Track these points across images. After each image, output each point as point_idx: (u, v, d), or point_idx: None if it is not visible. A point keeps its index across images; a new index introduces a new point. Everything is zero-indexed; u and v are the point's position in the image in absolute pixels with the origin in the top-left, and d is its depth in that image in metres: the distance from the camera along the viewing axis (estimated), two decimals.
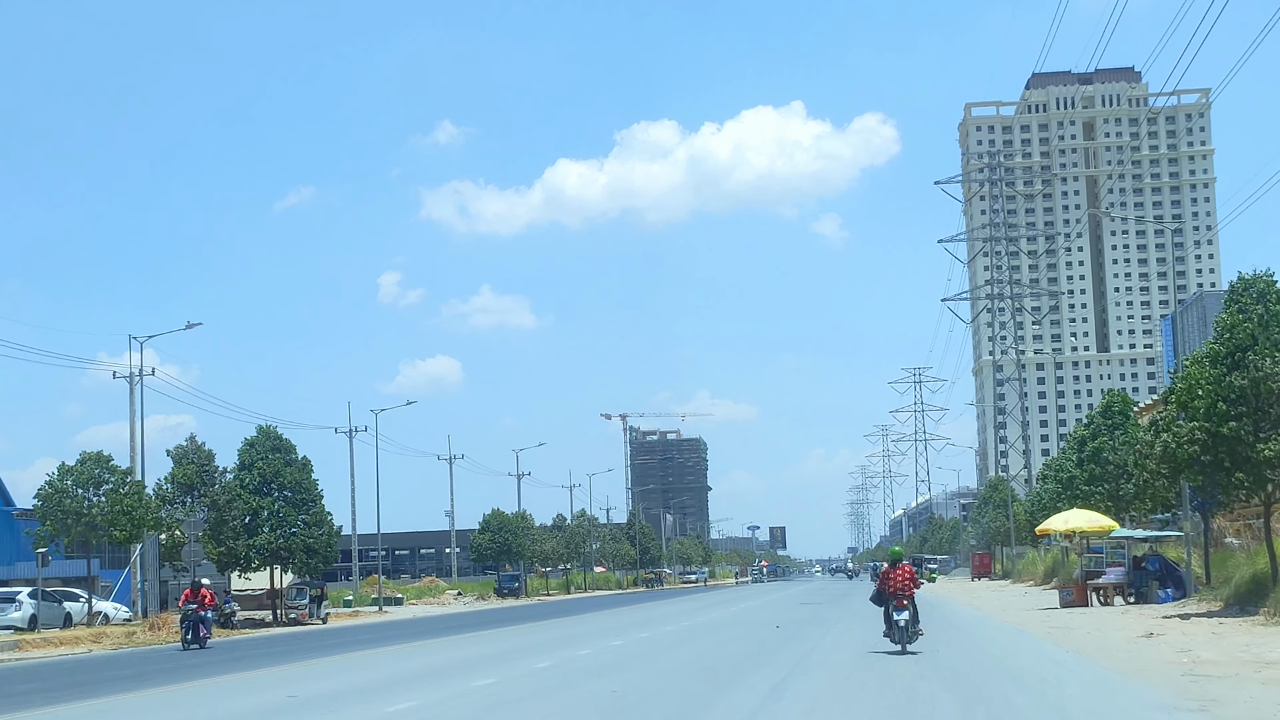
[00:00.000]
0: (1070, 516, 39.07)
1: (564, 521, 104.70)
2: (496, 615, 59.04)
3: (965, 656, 22.48)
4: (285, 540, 55.54)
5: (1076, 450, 51.88)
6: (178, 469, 51.98)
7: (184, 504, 51.55)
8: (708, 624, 37.54)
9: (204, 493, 52.35)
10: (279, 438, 57.61)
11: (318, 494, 57.92)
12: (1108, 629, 29.59)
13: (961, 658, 22.05)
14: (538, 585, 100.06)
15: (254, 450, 56.78)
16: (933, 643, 24.72)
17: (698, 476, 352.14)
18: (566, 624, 43.44)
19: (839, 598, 58.85)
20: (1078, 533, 38.87)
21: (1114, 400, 50.60)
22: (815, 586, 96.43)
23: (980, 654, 23.40)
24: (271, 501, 55.87)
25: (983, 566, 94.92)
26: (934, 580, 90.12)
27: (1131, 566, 37.95)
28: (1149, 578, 37.45)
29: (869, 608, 27.90)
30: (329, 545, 58.18)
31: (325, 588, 59.29)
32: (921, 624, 23.66)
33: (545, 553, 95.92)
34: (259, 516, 55.67)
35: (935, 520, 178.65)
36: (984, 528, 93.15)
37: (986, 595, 53.98)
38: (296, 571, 57.65)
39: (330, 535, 58.30)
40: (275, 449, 57.04)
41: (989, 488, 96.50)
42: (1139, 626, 29.42)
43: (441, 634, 40.18)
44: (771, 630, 31.90)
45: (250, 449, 56.83)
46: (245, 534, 55.29)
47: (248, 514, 55.73)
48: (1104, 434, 49.54)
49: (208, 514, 51.94)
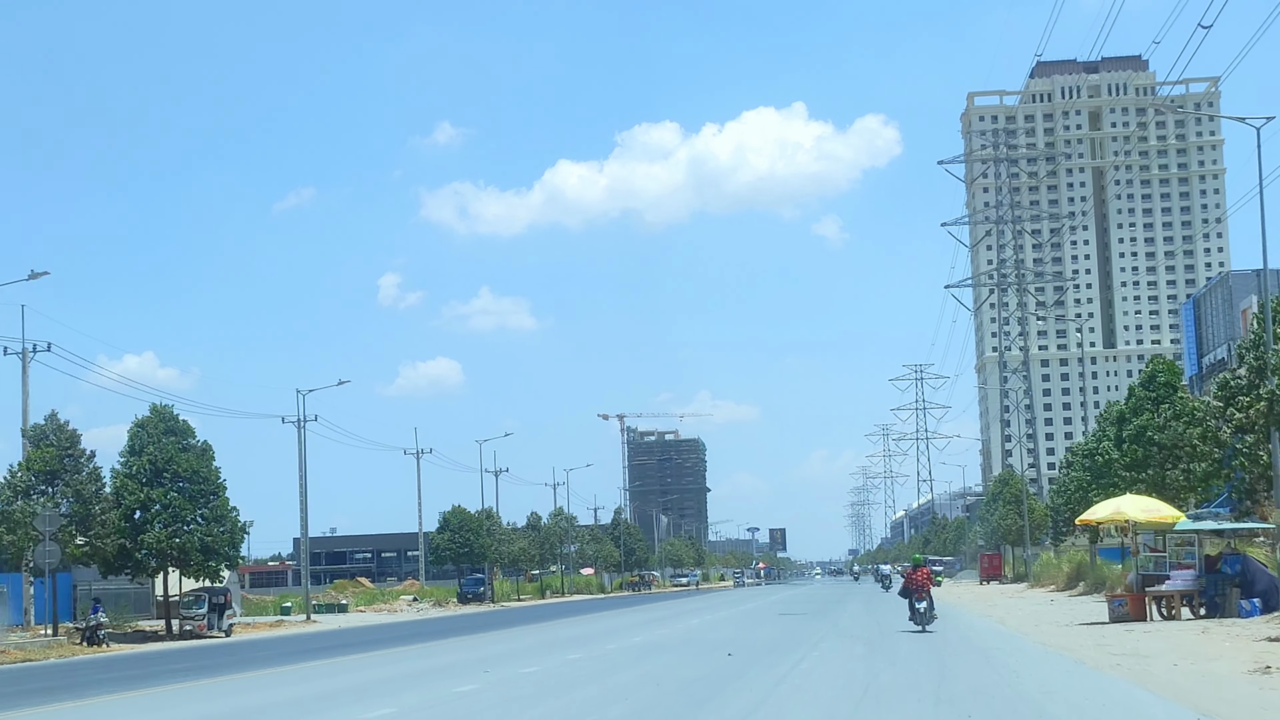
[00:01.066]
0: (1122, 504, 29.76)
1: (539, 521, 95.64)
2: (436, 626, 50.17)
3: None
4: (180, 539, 46.58)
5: (1115, 428, 42.77)
6: (35, 453, 42.86)
7: (45, 494, 42.41)
8: (648, 645, 28.43)
9: (68, 481, 43.24)
10: (174, 418, 48.60)
11: (219, 484, 48.87)
12: (1198, 658, 20.51)
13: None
14: (507, 590, 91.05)
15: (144, 433, 47.79)
16: (959, 684, 15.63)
17: (696, 478, 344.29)
18: (496, 640, 35.22)
19: (829, 605, 49.86)
20: (1130, 524, 29.65)
21: (1159, 369, 41.38)
22: (808, 592, 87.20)
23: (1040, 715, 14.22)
24: (164, 493, 46.87)
25: (992, 568, 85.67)
26: (939, 584, 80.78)
27: (1204, 569, 28.82)
28: (1226, 583, 28.39)
29: (859, 620, 29.07)
30: (231, 544, 49.16)
31: (229, 594, 50.14)
32: (937, 633, 27.72)
33: (514, 554, 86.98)
34: (149, 510, 46.71)
35: (938, 520, 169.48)
36: (993, 526, 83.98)
37: (1006, 604, 44.86)
38: (195, 575, 48.64)
39: (235, 532, 49.24)
40: (169, 431, 48.03)
41: (998, 482, 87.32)
42: (1240, 654, 20.41)
43: (352, 650, 33.57)
44: (719, 659, 22.72)
45: (140, 431, 47.84)
46: (131, 531, 46.34)
47: (136, 507, 46.80)
48: (1148, 409, 40.51)
49: (71, 506, 42.87)
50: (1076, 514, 53.64)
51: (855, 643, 25.75)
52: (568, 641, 31.44)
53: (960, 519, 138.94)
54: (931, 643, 25.16)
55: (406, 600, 76.69)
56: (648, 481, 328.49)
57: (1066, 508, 54.94)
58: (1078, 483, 49.69)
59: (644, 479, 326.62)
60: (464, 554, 77.77)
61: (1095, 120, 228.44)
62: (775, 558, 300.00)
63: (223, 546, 48.10)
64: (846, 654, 22.40)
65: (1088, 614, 33.27)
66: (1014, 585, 72.70)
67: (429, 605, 73.82)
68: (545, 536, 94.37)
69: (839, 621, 33.34)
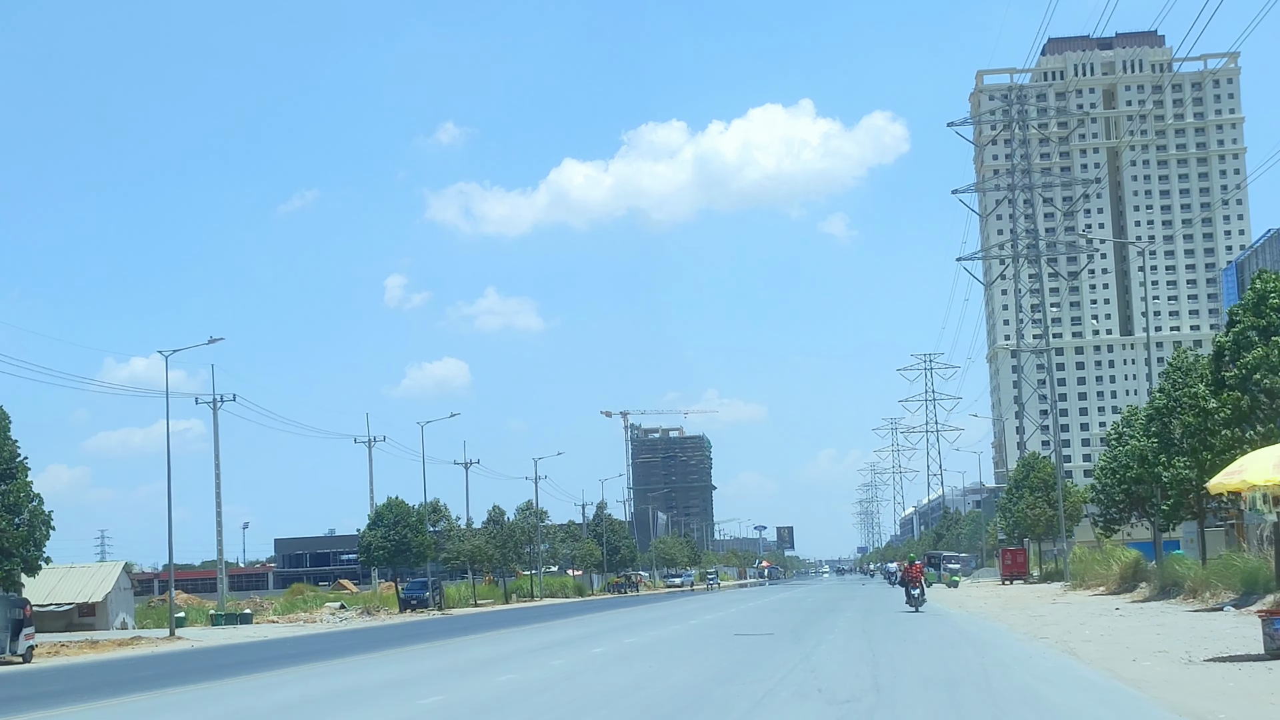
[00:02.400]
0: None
1: (501, 515, 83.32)
2: (336, 641, 38.21)
3: None
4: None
5: (1211, 369, 30.20)
6: None
7: None
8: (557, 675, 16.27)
9: None
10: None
11: (19, 464, 36.74)
12: None
13: None
14: (463, 594, 78.75)
15: None
16: None
17: (701, 475, 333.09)
18: (381, 664, 25.26)
19: (815, 617, 37.27)
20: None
21: (1272, 286, 28.81)
22: (803, 594, 74.60)
23: None
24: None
25: (1015, 566, 73.12)
26: (956, 585, 68.55)
27: None
28: None
29: (847, 646, 20.86)
30: (33, 542, 36.89)
31: (29, 608, 37.82)
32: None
33: (467, 554, 74.82)
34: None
35: (950, 514, 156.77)
36: (1016, 518, 71.57)
37: (1054, 615, 32.23)
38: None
39: (39, 526, 36.98)
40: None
41: (1021, 467, 74.74)
42: None
43: (161, 683, 23.45)
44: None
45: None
46: None
47: None
48: (1258, 342, 28.11)
49: None
50: (1134, 494, 41.08)
51: (819, 704, 13.51)
52: (474, 667, 19.50)
53: (974, 512, 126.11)
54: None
55: (333, 608, 64.51)
56: (652, 480, 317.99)
57: (1119, 488, 42.42)
58: (1140, 454, 37.25)
59: (648, 477, 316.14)
60: (400, 553, 65.47)
61: (1110, 98, 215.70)
62: (783, 556, 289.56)
63: (18, 545, 35.96)
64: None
65: (1202, 637, 20.95)
66: (1045, 586, 60.16)
67: (355, 614, 61.60)
68: (510, 534, 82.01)
69: (813, 653, 20.83)
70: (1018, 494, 72.27)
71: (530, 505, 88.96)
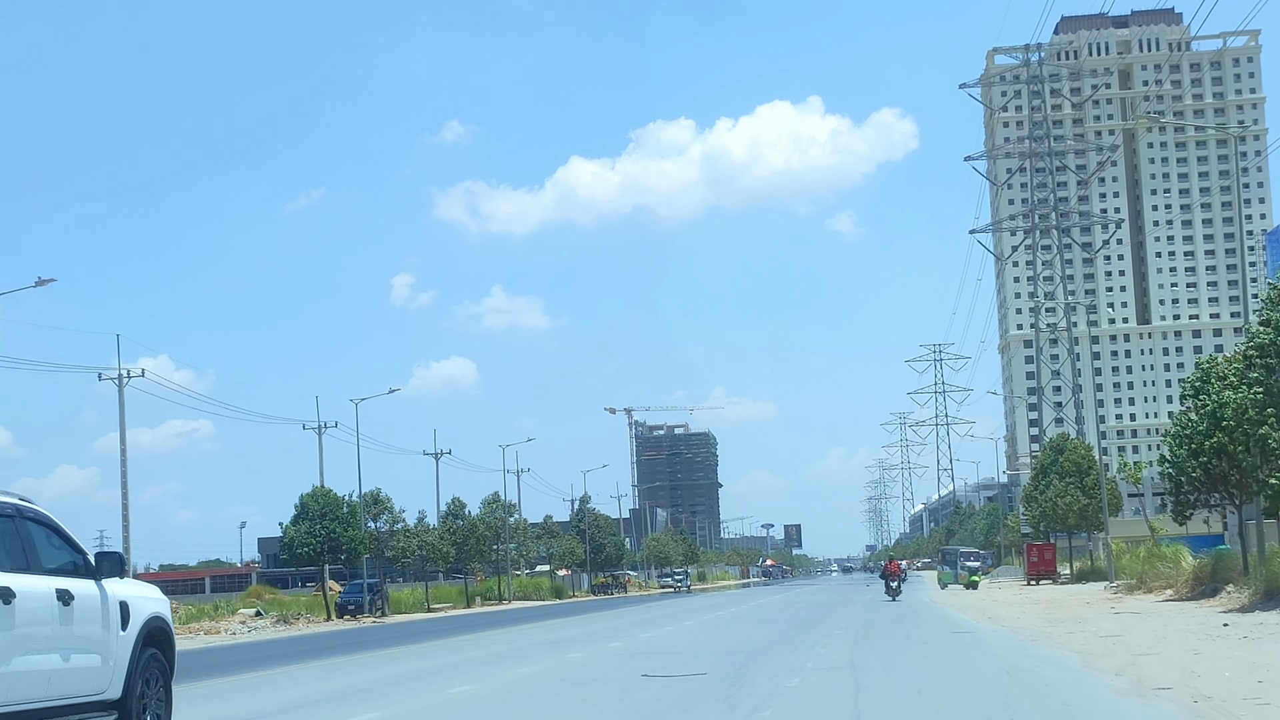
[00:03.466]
0: None
1: (461, 509, 73.09)
2: (189, 661, 28.18)
3: None
4: None
5: None
6: None
7: None
8: None
9: None
10: None
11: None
12: None
13: None
14: (414, 599, 68.56)
15: None
16: None
17: (707, 473, 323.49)
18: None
19: (793, 634, 26.92)
20: None
21: None
22: (796, 596, 64.24)
23: None
24: None
25: (1042, 563, 62.58)
26: (975, 585, 57.96)
27: None
28: None
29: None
30: None
31: None
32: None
33: (414, 551, 64.69)
34: None
35: (963, 509, 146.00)
36: (1043, 508, 61.12)
37: (1127, 631, 21.56)
38: None
39: None
40: None
41: (1048, 450, 64.26)
42: None
43: None
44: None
45: None
46: None
47: None
48: None
49: None
50: (1214, 470, 30.59)
51: None
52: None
53: (991, 505, 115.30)
54: None
55: (246, 615, 54.31)
56: (657, 477, 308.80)
57: (1194, 462, 31.86)
58: (1237, 408, 26.78)
59: (653, 475, 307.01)
60: (329, 551, 55.26)
61: (1125, 78, 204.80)
62: (790, 555, 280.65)
63: None
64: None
65: None
66: (1082, 588, 49.75)
67: (269, 622, 51.40)
68: (471, 530, 71.77)
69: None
70: (1044, 480, 61.78)
71: (497, 498, 78.72)
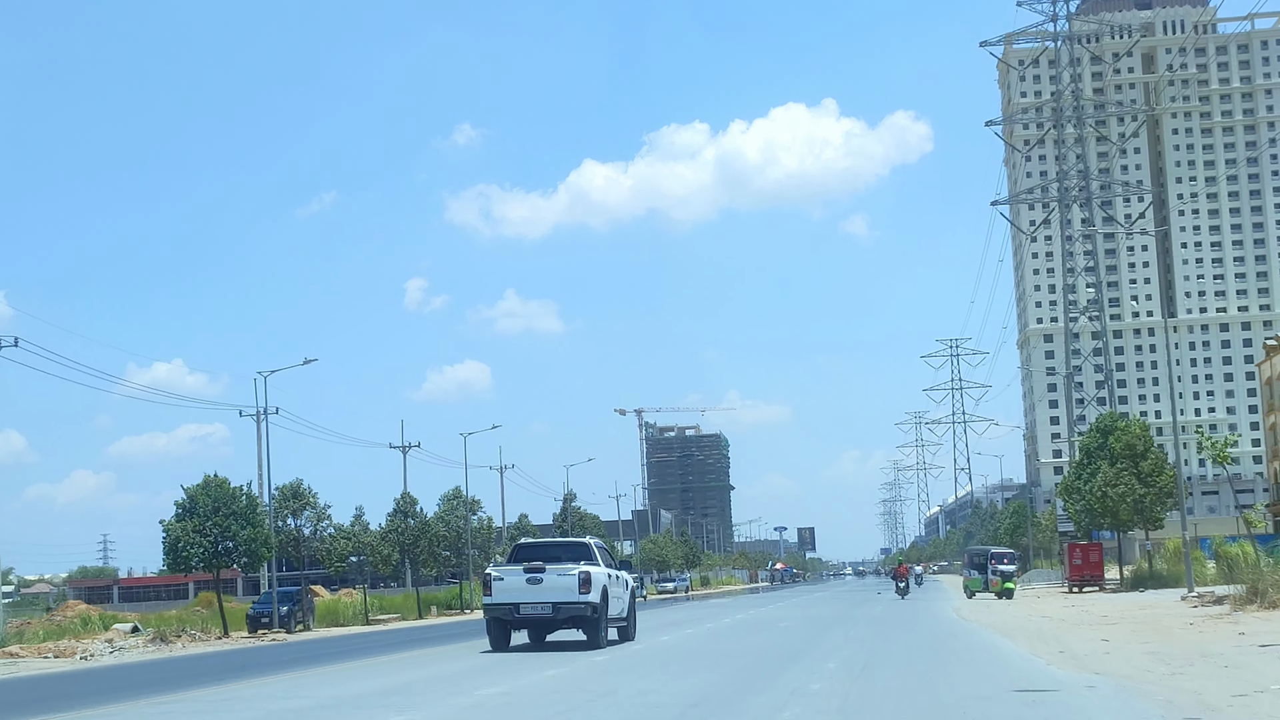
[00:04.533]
0: None
1: (412, 506, 62.38)
2: None
3: None
4: None
5: None
6: None
7: None
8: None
9: None
10: None
11: None
12: None
13: None
14: (353, 610, 57.93)
15: None
16: None
17: (719, 475, 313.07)
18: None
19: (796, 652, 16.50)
20: None
21: None
22: (806, 603, 53.56)
23: None
24: None
25: (1088, 567, 51.52)
26: (1010, 593, 46.73)
27: None
28: None
29: None
30: None
31: None
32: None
33: (339, 555, 54.18)
34: None
35: (983, 509, 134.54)
36: (1088, 501, 50.10)
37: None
38: None
39: None
40: None
41: (1095, 433, 53.24)
42: None
43: None
44: None
45: None
46: None
47: None
48: None
49: None
50: None
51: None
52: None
53: (1017, 503, 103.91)
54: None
55: (123, 630, 43.74)
56: (668, 480, 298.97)
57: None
58: None
59: (664, 477, 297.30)
60: (221, 553, 44.66)
61: (1148, 62, 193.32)
62: (803, 558, 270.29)
63: None
64: None
65: None
66: (1144, 596, 38.92)
67: (143, 640, 40.78)
68: (422, 531, 61.05)
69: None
70: (1090, 468, 50.79)
71: (457, 494, 67.99)
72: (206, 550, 44.56)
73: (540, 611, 22.91)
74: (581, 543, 25.12)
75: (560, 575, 22.84)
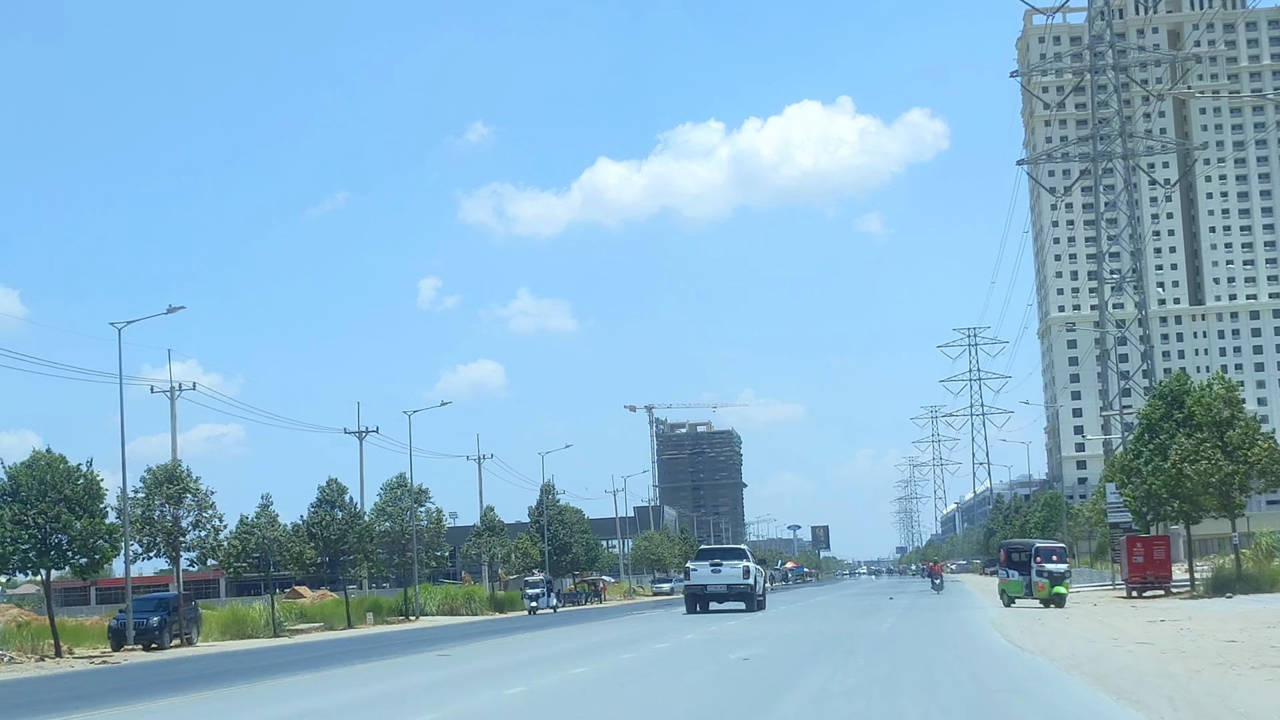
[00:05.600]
0: None
1: (340, 496, 51.94)
2: None
3: None
4: None
5: None
6: None
7: None
8: None
9: None
10: None
11: None
12: None
13: None
14: (252, 619, 47.43)
15: None
16: None
17: (731, 472, 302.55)
18: None
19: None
20: None
21: None
22: (808, 608, 43.03)
23: None
24: None
25: (1151, 566, 40.80)
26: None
27: None
28: None
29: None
30: None
31: None
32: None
33: (238, 552, 43.72)
34: None
35: (1004, 505, 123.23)
36: (1152, 485, 39.28)
37: None
38: None
39: None
40: None
41: (1160, 400, 42.24)
42: None
43: None
44: None
45: None
46: None
47: None
48: None
49: None
50: None
51: None
52: None
53: (1050, 493, 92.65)
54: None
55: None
56: (679, 477, 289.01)
57: None
58: None
59: (675, 474, 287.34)
60: (49, 550, 34.28)
61: (1175, 39, 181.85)
62: (817, 557, 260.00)
63: None
64: None
65: None
66: (1239, 604, 28.38)
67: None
68: (349, 526, 50.54)
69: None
70: (1156, 442, 39.93)
71: (401, 481, 57.44)
72: (32, 546, 34.13)
73: (718, 589, 38.13)
74: (740, 548, 42.23)
75: (731, 567, 37.67)
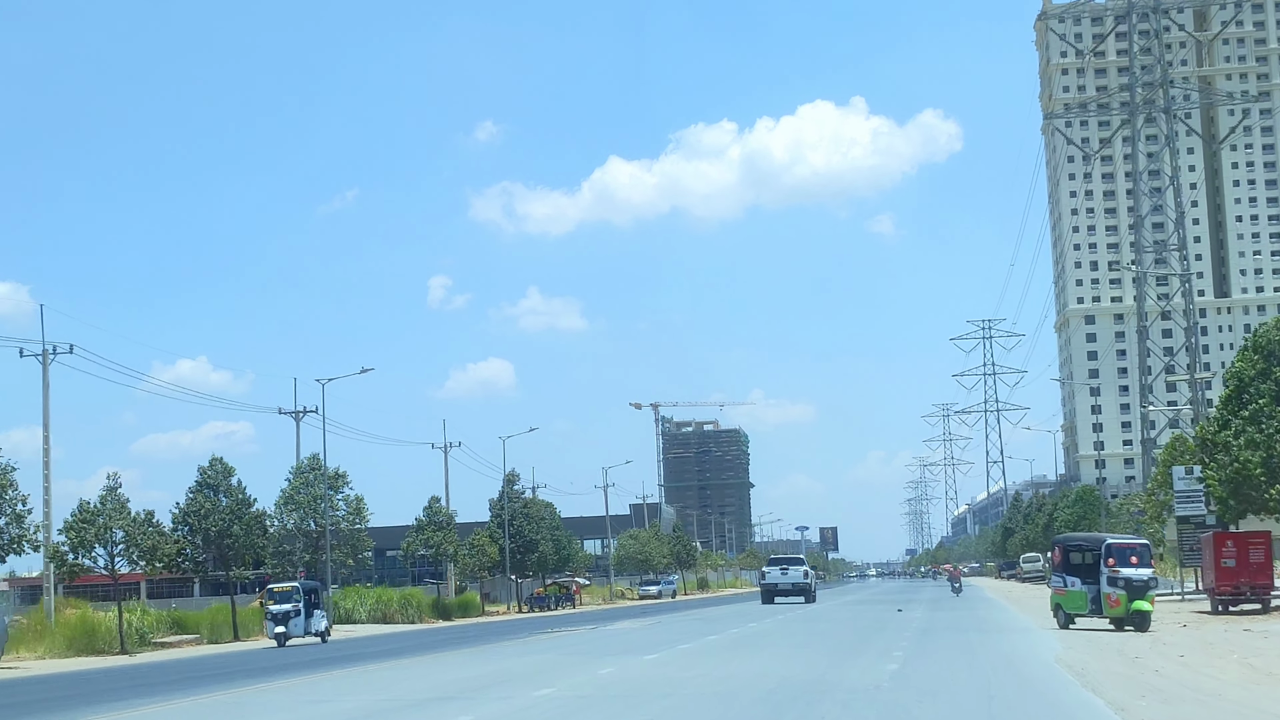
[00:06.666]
0: None
1: (224, 478, 41.86)
2: None
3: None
4: None
5: None
6: None
7: None
8: None
9: None
10: None
11: None
12: None
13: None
14: (102, 630, 37.27)
15: None
16: None
17: (738, 472, 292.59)
18: None
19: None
20: None
21: None
22: (805, 614, 32.90)
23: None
24: None
25: (1244, 573, 30.46)
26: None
27: None
28: None
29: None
30: None
31: None
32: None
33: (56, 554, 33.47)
34: None
35: (1026, 502, 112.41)
36: (1247, 467, 29.02)
37: None
38: None
39: None
40: None
41: (1254, 353, 31.83)
42: None
43: None
44: None
45: None
46: None
47: None
48: None
49: None
50: None
51: None
52: None
53: (1084, 487, 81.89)
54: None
55: None
56: (685, 476, 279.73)
57: None
58: None
59: (681, 474, 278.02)
60: None
61: (1201, 19, 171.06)
62: (826, 559, 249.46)
63: None
64: None
65: None
66: None
67: None
68: (236, 517, 40.35)
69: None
70: (1252, 408, 29.31)
71: (316, 463, 47.15)
72: None
73: (786, 586, 54.32)
74: (800, 557, 68.63)
75: (795, 570, 55.40)
